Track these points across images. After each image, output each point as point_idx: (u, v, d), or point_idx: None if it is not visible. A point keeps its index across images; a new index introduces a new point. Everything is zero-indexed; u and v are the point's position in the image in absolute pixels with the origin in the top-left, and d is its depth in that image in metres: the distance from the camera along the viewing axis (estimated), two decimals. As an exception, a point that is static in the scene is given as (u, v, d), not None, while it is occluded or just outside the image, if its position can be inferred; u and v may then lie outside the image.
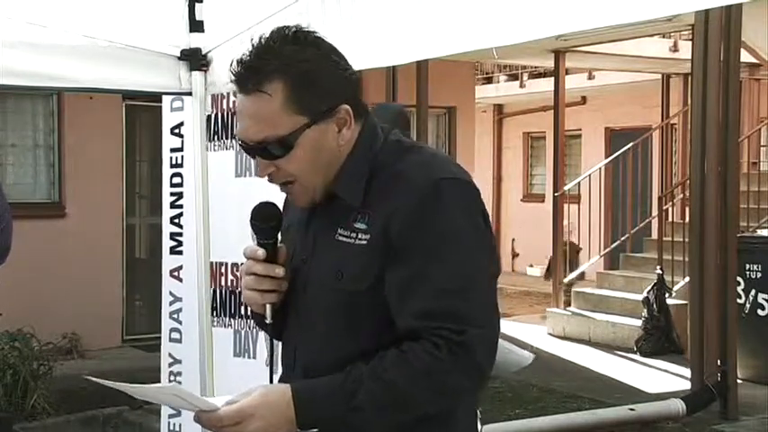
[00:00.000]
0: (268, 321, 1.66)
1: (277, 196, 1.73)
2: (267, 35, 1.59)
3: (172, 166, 3.59)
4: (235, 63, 1.59)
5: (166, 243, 3.61)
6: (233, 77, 1.59)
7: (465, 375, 1.51)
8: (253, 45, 1.59)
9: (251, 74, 1.56)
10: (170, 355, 3.60)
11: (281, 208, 1.72)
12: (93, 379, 1.57)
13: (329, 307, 1.60)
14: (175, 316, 3.59)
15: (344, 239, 1.58)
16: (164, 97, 3.54)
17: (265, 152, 1.59)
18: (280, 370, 1.75)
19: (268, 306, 1.66)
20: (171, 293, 3.60)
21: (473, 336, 1.49)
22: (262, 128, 1.57)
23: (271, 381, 1.73)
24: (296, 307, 1.68)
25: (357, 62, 2.74)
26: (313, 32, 1.61)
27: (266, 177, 1.63)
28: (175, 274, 3.59)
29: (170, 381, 3.57)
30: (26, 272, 6.90)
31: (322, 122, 1.58)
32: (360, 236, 1.57)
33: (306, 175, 1.60)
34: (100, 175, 8.15)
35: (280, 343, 1.74)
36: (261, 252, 1.63)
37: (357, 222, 1.58)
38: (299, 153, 1.57)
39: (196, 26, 3.02)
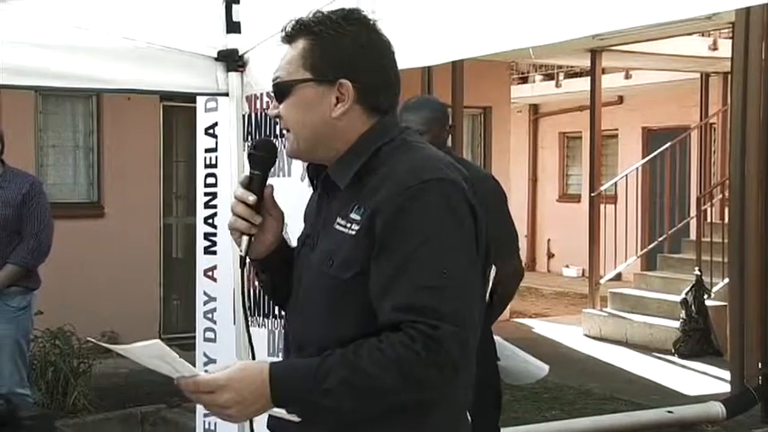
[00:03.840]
0: (240, 254, 1.78)
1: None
2: (332, 10, 1.75)
3: (206, 166, 3.60)
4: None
5: (200, 243, 3.63)
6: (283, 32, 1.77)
7: (436, 369, 1.55)
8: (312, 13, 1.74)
9: (293, 28, 1.74)
10: (205, 354, 3.61)
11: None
12: (92, 340, 1.94)
13: (318, 292, 1.69)
14: (210, 316, 3.60)
15: (340, 228, 1.66)
16: (198, 98, 3.57)
17: (274, 92, 1.75)
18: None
19: (244, 238, 1.77)
20: (205, 293, 3.62)
21: (446, 332, 1.54)
22: (278, 69, 1.75)
23: (248, 333, 1.97)
24: (296, 287, 1.78)
25: (392, 62, 2.74)
26: (368, 18, 1.74)
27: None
28: (210, 274, 3.60)
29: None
30: (66, 271, 7.00)
31: (323, 86, 1.69)
32: (352, 226, 1.64)
33: (295, 125, 1.72)
34: (138, 175, 8.24)
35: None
36: (243, 177, 1.80)
37: (353, 213, 1.65)
38: (293, 102, 1.71)
39: (233, 27, 3.04)
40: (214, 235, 3.56)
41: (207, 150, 3.59)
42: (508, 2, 2.23)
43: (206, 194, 3.60)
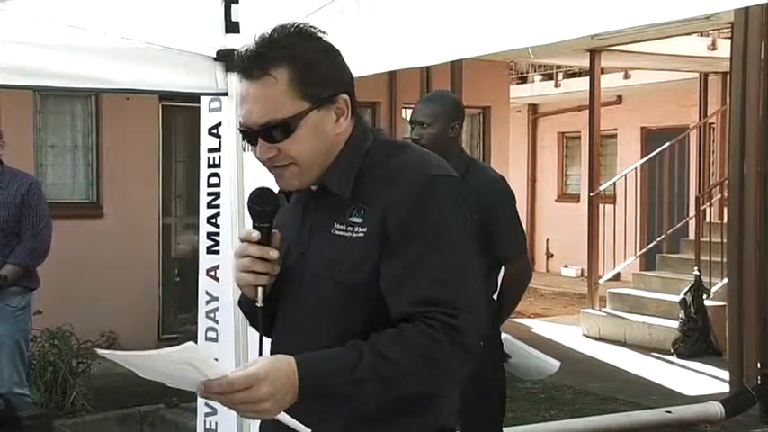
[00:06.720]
0: (259, 304, 1.71)
1: None
2: (270, 29, 1.68)
3: (209, 166, 3.61)
4: (240, 52, 1.68)
5: (203, 242, 3.63)
6: (238, 65, 1.67)
7: (457, 357, 1.57)
8: (257, 38, 1.68)
9: (256, 60, 1.64)
10: (206, 353, 3.61)
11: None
12: (103, 352, 1.58)
13: (326, 297, 1.67)
14: (212, 315, 3.61)
15: (341, 233, 1.66)
16: (202, 98, 3.57)
17: (268, 135, 1.65)
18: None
19: (260, 289, 1.70)
20: (207, 293, 3.62)
21: (465, 320, 1.57)
22: (266, 111, 1.63)
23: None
24: (291, 300, 1.74)
25: (392, 62, 2.75)
26: (314, 28, 1.70)
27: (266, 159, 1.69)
28: (212, 273, 3.61)
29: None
30: (65, 271, 7.01)
31: (322, 109, 1.66)
32: (356, 229, 1.64)
33: (305, 157, 1.66)
34: (137, 175, 8.24)
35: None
36: (255, 234, 1.69)
37: (352, 217, 1.65)
38: (300, 136, 1.64)
39: (232, 27, 3.05)
40: (217, 234, 3.57)
41: (210, 150, 3.60)
42: (507, 2, 2.23)
43: (209, 194, 3.61)
